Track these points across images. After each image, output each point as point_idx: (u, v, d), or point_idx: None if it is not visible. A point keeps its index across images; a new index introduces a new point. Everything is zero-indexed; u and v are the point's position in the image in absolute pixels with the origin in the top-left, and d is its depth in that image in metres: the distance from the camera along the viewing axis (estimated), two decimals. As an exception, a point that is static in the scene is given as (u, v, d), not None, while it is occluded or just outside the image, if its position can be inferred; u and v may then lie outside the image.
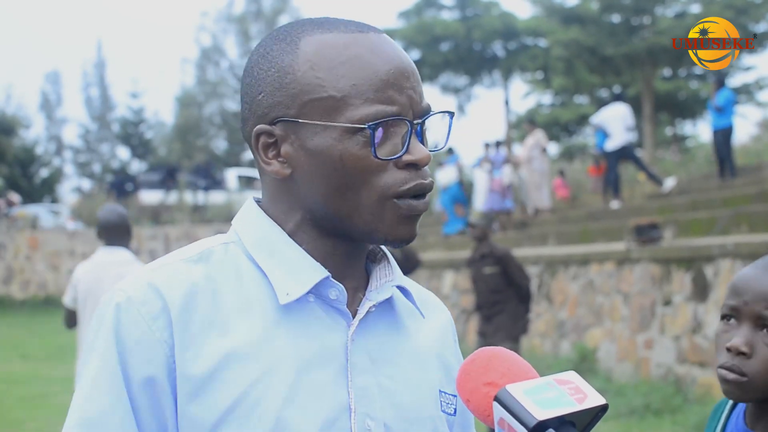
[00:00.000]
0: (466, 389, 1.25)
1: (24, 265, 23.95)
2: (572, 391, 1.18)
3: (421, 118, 1.38)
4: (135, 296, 1.33)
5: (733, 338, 1.84)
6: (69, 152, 48.87)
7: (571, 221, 16.79)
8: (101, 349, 1.32)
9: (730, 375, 1.83)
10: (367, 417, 1.35)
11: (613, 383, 10.24)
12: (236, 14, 46.30)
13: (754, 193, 12.40)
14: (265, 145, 1.38)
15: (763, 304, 1.84)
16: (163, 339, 1.31)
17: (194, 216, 27.92)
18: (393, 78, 1.36)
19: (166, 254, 1.43)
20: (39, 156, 41.62)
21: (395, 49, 1.39)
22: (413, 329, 1.48)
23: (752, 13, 26.44)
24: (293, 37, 1.39)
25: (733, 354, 1.84)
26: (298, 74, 1.36)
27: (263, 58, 1.40)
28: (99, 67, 50.28)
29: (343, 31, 1.38)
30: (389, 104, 1.34)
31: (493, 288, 8.69)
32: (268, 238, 1.40)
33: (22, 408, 10.66)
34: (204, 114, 46.14)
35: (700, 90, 32.85)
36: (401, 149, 1.35)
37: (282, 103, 1.36)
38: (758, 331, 1.84)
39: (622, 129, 15.92)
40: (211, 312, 1.33)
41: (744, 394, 1.84)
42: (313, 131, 1.35)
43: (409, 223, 1.38)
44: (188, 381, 1.30)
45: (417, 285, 1.57)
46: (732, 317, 1.88)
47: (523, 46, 36.66)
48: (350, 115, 1.33)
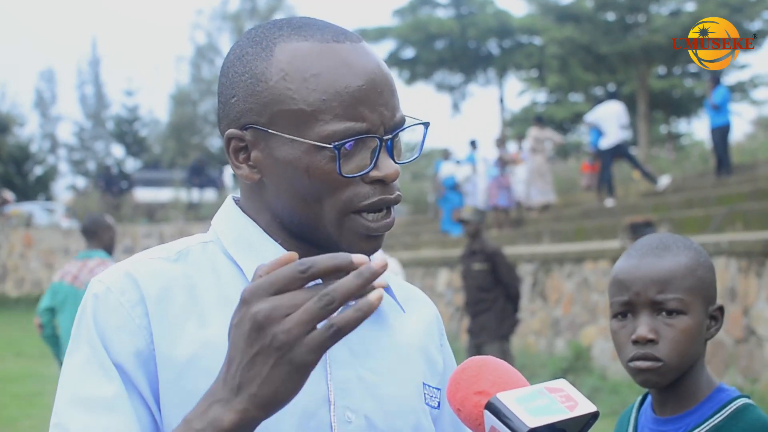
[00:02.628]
0: (456, 398, 1.25)
1: (18, 262, 23.93)
2: (563, 399, 1.18)
3: (392, 132, 1.37)
4: (114, 285, 1.34)
5: (637, 329, 1.87)
6: (63, 150, 48.78)
7: (566, 219, 16.80)
8: (84, 336, 1.33)
9: (645, 364, 1.86)
10: (347, 409, 1.36)
11: (607, 381, 10.25)
12: (231, 12, 46.25)
13: (748, 191, 12.43)
14: (236, 148, 1.39)
15: (654, 290, 1.87)
16: (143, 325, 1.32)
17: (189, 214, 27.91)
18: (364, 94, 1.34)
19: (146, 250, 1.43)
20: (33, 154, 41.58)
21: (370, 62, 1.37)
22: (395, 324, 1.49)
23: (747, 11, 26.48)
24: (269, 42, 1.37)
25: (641, 344, 1.87)
26: (270, 83, 1.35)
27: (239, 60, 1.39)
28: (94, 64, 50.16)
29: (319, 39, 1.36)
30: (359, 121, 1.33)
31: (480, 285, 8.68)
32: (246, 235, 1.41)
33: (16, 406, 10.66)
34: (199, 112, 46.09)
35: (695, 88, 32.90)
36: (369, 164, 1.35)
37: (253, 110, 1.36)
38: (656, 316, 1.88)
39: (616, 127, 15.94)
40: (189, 304, 1.34)
41: (662, 378, 1.87)
42: (281, 141, 1.35)
43: (369, 240, 1.38)
44: (169, 366, 1.31)
45: (401, 282, 1.58)
46: (626, 312, 1.91)
47: (518, 44, 36.72)
48: (319, 131, 1.32)
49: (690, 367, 1.89)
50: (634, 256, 1.93)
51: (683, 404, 1.91)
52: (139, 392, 1.30)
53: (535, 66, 35.82)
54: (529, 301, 12.53)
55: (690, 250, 1.92)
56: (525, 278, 12.70)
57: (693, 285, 1.89)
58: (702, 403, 1.89)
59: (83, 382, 1.30)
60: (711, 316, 1.93)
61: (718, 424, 1.86)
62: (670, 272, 1.88)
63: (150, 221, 27.21)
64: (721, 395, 1.90)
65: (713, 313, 1.94)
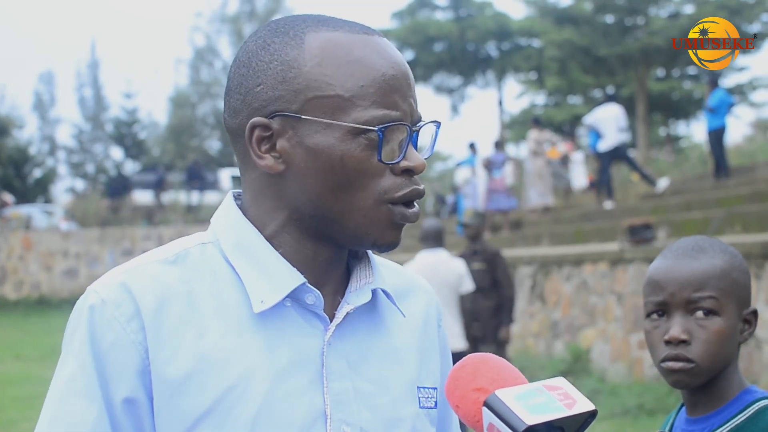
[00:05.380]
0: (455, 395, 1.25)
1: (17, 265, 23.91)
2: (561, 397, 1.19)
3: (417, 125, 1.38)
4: (109, 298, 1.31)
5: (670, 329, 1.87)
6: (62, 152, 48.76)
7: (565, 221, 16.81)
8: (76, 351, 1.31)
9: (677, 364, 1.86)
10: (343, 423, 1.34)
11: (606, 383, 10.25)
12: (230, 15, 46.24)
13: (747, 193, 12.43)
14: (259, 138, 1.35)
15: (690, 289, 1.88)
16: (138, 341, 1.29)
17: (188, 216, 27.90)
18: (398, 83, 1.35)
19: (144, 253, 1.41)
20: (32, 156, 41.52)
21: (399, 55, 1.39)
22: (394, 327, 1.47)
23: (746, 13, 26.51)
24: (297, 32, 1.35)
25: (674, 345, 1.87)
26: (304, 69, 1.32)
27: (263, 49, 1.36)
28: (92, 67, 50.15)
29: (348, 30, 1.36)
30: (394, 109, 1.33)
31: (478, 285, 8.71)
32: (247, 243, 1.37)
33: (15, 408, 10.64)
34: (197, 114, 46.08)
35: (694, 90, 32.93)
36: (398, 155, 1.34)
37: (283, 98, 1.33)
38: (689, 316, 1.88)
39: (615, 129, 15.94)
40: (186, 313, 1.32)
41: (694, 379, 1.88)
42: (314, 129, 1.32)
43: (397, 229, 1.37)
44: (164, 383, 1.29)
45: (396, 268, 1.55)
46: (660, 312, 1.92)
47: (517, 46, 36.72)
48: (357, 116, 1.31)
49: (722, 369, 1.90)
50: (670, 257, 1.94)
51: (713, 405, 1.91)
52: (127, 416, 1.29)
53: (534, 68, 35.83)
54: (528, 304, 12.54)
55: (725, 253, 1.94)
56: (524, 280, 12.70)
57: (727, 287, 1.89)
58: (729, 404, 1.90)
59: (65, 402, 1.29)
60: (744, 320, 1.94)
61: (740, 424, 1.86)
62: (705, 273, 1.89)
63: (149, 224, 27.19)
64: (747, 396, 1.91)
65: (747, 316, 1.94)
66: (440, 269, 7.99)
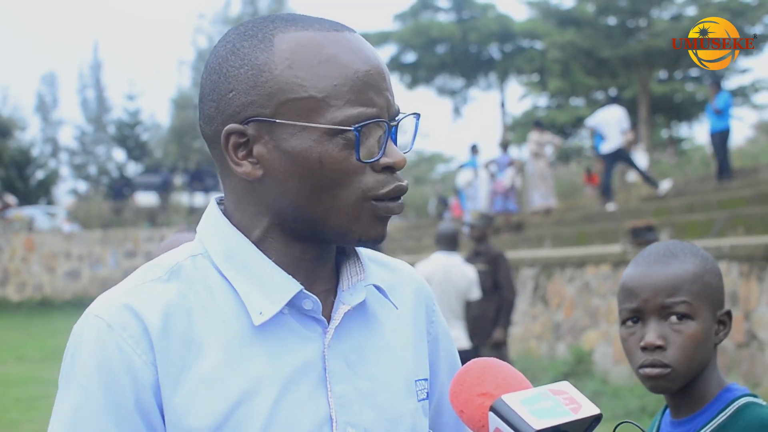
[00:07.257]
0: (459, 400, 1.26)
1: (20, 266, 23.93)
2: (567, 401, 1.19)
3: (394, 119, 1.36)
4: (114, 321, 1.28)
5: (646, 336, 1.90)
6: (65, 154, 48.74)
7: (567, 223, 16.81)
8: (80, 379, 1.28)
9: (654, 371, 1.89)
10: (348, 425, 1.34)
11: (609, 385, 10.24)
12: (233, 16, 46.25)
13: (750, 195, 12.42)
14: (235, 145, 1.33)
15: (663, 295, 1.90)
16: (149, 361, 1.28)
17: (190, 218, 27.91)
18: (372, 79, 1.33)
19: (132, 274, 1.38)
20: (35, 158, 41.57)
21: (371, 49, 1.36)
22: (387, 322, 1.46)
23: (748, 15, 26.50)
24: (265, 34, 1.33)
25: (650, 351, 1.90)
26: (275, 72, 1.31)
27: (233, 54, 1.33)
28: (95, 68, 50.14)
29: (317, 29, 1.34)
30: (369, 106, 1.32)
31: (480, 286, 8.72)
32: (236, 251, 1.35)
33: (17, 409, 10.65)
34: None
35: (696, 92, 32.89)
36: (378, 152, 1.33)
37: (256, 102, 1.31)
38: (664, 321, 1.91)
39: (617, 131, 15.93)
40: (188, 332, 1.30)
41: (672, 384, 1.91)
42: (290, 132, 1.30)
43: (382, 223, 1.36)
44: (171, 406, 1.28)
45: (383, 260, 1.54)
46: (635, 318, 1.94)
47: (519, 48, 36.69)
48: (332, 117, 1.30)
49: (700, 371, 1.92)
50: (642, 263, 1.96)
51: (695, 407, 1.94)
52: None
53: (536, 70, 35.80)
54: (531, 306, 12.53)
55: (696, 256, 1.95)
56: (526, 282, 12.70)
57: (700, 290, 1.92)
58: (710, 404, 1.92)
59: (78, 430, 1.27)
60: (719, 321, 1.96)
61: (721, 423, 1.89)
62: (678, 278, 1.91)
63: (152, 225, 27.21)
64: (728, 395, 1.93)
65: (721, 317, 1.96)
66: (453, 273, 8.11)
